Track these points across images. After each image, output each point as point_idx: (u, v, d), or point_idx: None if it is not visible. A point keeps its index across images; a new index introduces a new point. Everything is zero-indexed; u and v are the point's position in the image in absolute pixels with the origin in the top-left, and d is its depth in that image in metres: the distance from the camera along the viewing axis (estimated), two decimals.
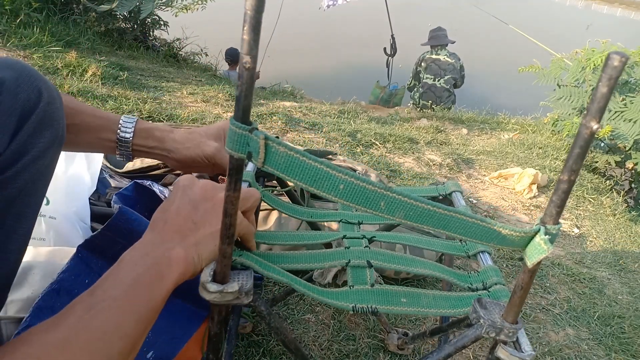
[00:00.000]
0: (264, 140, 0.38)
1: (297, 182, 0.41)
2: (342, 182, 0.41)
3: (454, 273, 0.65)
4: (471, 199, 1.96)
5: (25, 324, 0.71)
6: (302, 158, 0.40)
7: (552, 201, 0.41)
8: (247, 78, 0.36)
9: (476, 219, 0.44)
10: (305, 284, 0.57)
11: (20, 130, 0.54)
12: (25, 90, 0.55)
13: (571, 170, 0.39)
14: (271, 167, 0.40)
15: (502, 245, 0.45)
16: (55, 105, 0.59)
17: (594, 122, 0.36)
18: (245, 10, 0.34)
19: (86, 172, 1.08)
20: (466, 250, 0.71)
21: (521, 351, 0.48)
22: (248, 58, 0.35)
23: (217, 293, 0.46)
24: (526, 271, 0.44)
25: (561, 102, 2.93)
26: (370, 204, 0.42)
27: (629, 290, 1.54)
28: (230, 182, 0.40)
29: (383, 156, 2.09)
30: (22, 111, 0.54)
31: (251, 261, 0.53)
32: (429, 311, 0.58)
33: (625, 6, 18.24)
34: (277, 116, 2.20)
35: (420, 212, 0.43)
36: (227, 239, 0.44)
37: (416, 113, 3.62)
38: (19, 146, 0.54)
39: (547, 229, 0.42)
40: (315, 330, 1.04)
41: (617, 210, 2.25)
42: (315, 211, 0.81)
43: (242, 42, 0.35)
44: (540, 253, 0.42)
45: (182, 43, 4.10)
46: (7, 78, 0.53)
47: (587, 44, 2.95)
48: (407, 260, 0.65)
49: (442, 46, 4.40)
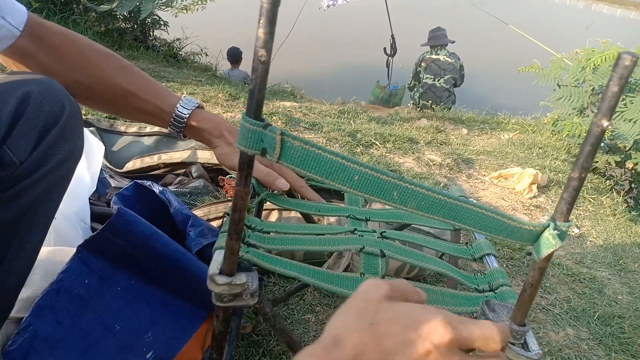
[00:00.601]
0: (280, 136, 0.39)
1: (313, 175, 0.41)
2: (357, 173, 0.42)
3: (462, 274, 0.66)
4: (471, 199, 1.96)
5: (25, 324, 0.71)
6: (317, 151, 0.41)
7: (563, 198, 0.41)
8: (261, 71, 0.36)
9: (486, 210, 0.44)
10: (314, 270, 0.58)
11: (42, 141, 0.57)
12: (49, 104, 0.58)
13: (582, 168, 0.39)
14: (286, 162, 0.41)
15: (510, 238, 0.46)
16: (76, 120, 0.62)
17: (605, 120, 0.36)
18: (262, 3, 0.33)
19: (86, 172, 1.08)
20: (472, 253, 0.72)
21: (528, 350, 0.49)
22: (263, 51, 0.35)
23: (226, 285, 0.46)
24: (535, 268, 0.44)
25: (561, 102, 2.93)
26: (383, 194, 0.43)
27: (629, 290, 1.54)
28: (240, 176, 0.40)
29: (383, 156, 2.09)
30: (45, 123, 0.57)
31: (257, 257, 0.54)
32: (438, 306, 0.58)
33: (625, 6, 18.24)
34: (277, 116, 2.20)
35: (432, 202, 0.43)
36: (235, 235, 0.44)
37: (416, 113, 3.61)
38: (39, 156, 0.56)
39: (556, 225, 0.42)
40: (315, 330, 1.04)
41: (617, 210, 2.25)
42: (321, 205, 0.81)
43: (257, 35, 0.34)
44: (548, 247, 0.42)
45: (182, 43, 4.10)
46: (34, 91, 0.57)
47: (587, 44, 2.95)
48: (419, 256, 0.66)
49: (442, 46, 4.41)
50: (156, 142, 1.44)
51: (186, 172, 1.38)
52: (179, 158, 1.36)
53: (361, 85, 5.41)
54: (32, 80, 0.58)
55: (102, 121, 1.47)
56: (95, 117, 1.51)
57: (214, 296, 0.47)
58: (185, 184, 1.33)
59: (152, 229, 0.75)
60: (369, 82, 5.17)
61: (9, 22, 0.60)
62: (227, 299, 0.47)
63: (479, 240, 0.74)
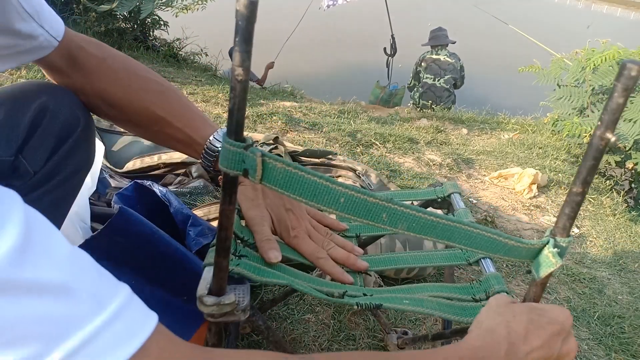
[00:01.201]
0: (260, 157, 0.38)
1: (297, 197, 0.40)
2: (343, 196, 0.40)
3: (456, 288, 0.64)
4: (471, 199, 1.96)
5: None
6: (300, 173, 0.39)
7: (565, 213, 0.39)
8: (239, 90, 0.34)
9: (481, 230, 0.43)
10: (308, 277, 0.57)
11: (56, 152, 0.57)
12: (65, 115, 0.58)
13: (585, 182, 0.37)
14: (269, 184, 0.39)
15: (508, 256, 0.44)
16: (90, 131, 0.63)
17: (609, 132, 0.35)
18: (237, 21, 0.32)
19: None
20: (467, 257, 0.70)
21: None
22: (240, 70, 0.33)
23: (215, 305, 0.45)
24: (537, 284, 0.43)
25: (561, 102, 2.93)
26: (372, 216, 0.41)
27: (629, 290, 1.54)
28: (224, 196, 0.39)
29: (383, 156, 2.09)
30: (60, 134, 0.58)
31: (247, 270, 0.52)
32: (434, 312, 0.58)
33: (625, 6, 18.23)
34: (277, 116, 2.20)
35: (423, 224, 0.42)
36: (223, 252, 0.43)
37: (416, 113, 3.61)
38: (53, 167, 0.57)
39: (556, 242, 0.40)
40: (315, 330, 1.04)
41: (617, 210, 2.25)
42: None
43: (234, 53, 0.33)
44: (548, 266, 0.41)
45: (182, 43, 4.09)
46: (51, 102, 0.57)
47: (587, 44, 2.95)
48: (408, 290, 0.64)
49: (443, 46, 4.41)
50: None
51: (186, 172, 1.37)
52: (179, 158, 1.36)
53: (361, 85, 5.41)
54: (48, 90, 0.58)
55: (102, 121, 1.47)
56: (95, 117, 1.51)
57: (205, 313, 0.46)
58: (185, 184, 1.33)
59: (154, 228, 0.76)
60: (369, 82, 5.17)
61: (47, 30, 0.57)
62: (217, 315, 0.46)
63: None
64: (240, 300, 0.46)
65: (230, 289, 0.47)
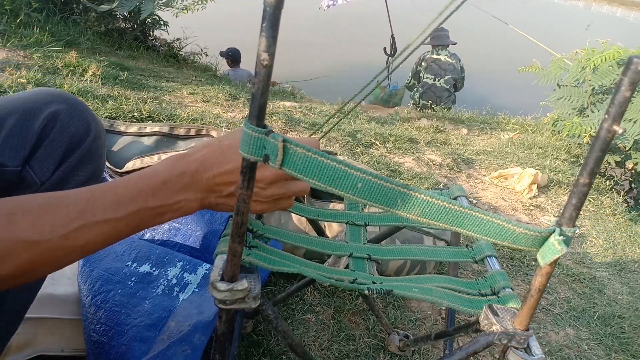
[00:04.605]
0: (282, 143, 0.38)
1: (316, 182, 0.41)
2: (360, 181, 0.41)
3: (462, 282, 0.66)
4: (471, 198, 1.96)
5: None
6: (320, 158, 0.40)
7: (571, 204, 0.40)
8: (264, 75, 0.35)
9: (491, 217, 0.44)
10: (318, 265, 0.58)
11: (65, 161, 0.56)
12: (75, 124, 0.57)
13: (591, 173, 0.38)
14: (289, 169, 0.40)
15: (515, 244, 0.45)
16: (100, 142, 0.61)
17: (616, 124, 0.36)
18: (265, 7, 0.33)
19: None
20: (473, 255, 0.72)
21: (532, 354, 0.49)
22: (266, 55, 0.34)
23: (227, 291, 0.46)
24: (542, 274, 0.43)
25: (561, 102, 2.93)
26: (387, 201, 0.42)
27: (629, 290, 1.54)
28: (243, 180, 0.40)
29: (383, 156, 2.09)
30: (69, 144, 0.57)
31: (259, 259, 0.54)
32: (442, 302, 0.59)
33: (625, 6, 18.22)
34: (277, 116, 2.20)
35: (436, 209, 0.43)
36: (238, 238, 0.43)
37: (416, 113, 3.62)
38: (61, 177, 0.56)
39: (562, 231, 0.41)
40: (315, 330, 1.04)
41: (617, 210, 2.25)
42: (321, 210, 0.80)
43: (260, 38, 0.33)
44: (554, 253, 0.42)
45: (182, 43, 4.09)
46: (61, 111, 0.56)
47: (587, 44, 2.95)
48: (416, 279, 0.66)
49: (443, 46, 4.40)
50: (156, 142, 1.44)
51: None
52: None
53: (361, 86, 5.40)
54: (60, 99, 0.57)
55: (102, 121, 1.47)
56: None
57: (216, 300, 0.47)
58: None
59: None
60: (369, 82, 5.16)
61: None
62: (229, 302, 0.47)
63: (479, 242, 0.74)
64: (252, 287, 0.47)
65: (241, 276, 0.48)
